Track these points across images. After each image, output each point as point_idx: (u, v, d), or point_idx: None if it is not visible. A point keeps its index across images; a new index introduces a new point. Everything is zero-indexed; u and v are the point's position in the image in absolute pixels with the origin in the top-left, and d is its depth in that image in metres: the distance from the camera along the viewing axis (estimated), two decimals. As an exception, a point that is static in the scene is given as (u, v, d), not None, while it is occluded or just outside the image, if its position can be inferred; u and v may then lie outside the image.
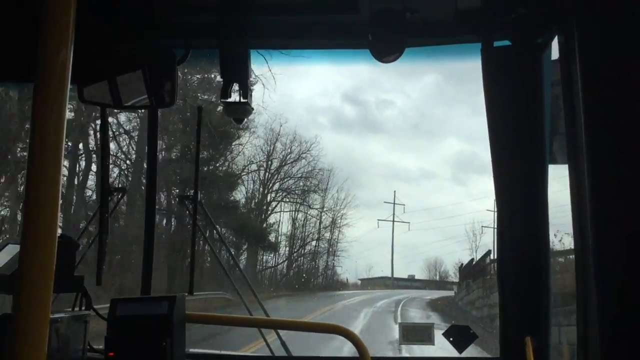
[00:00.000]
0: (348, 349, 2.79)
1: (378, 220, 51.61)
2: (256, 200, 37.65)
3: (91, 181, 25.02)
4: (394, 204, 52.22)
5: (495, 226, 2.83)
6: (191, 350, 3.16)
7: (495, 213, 2.82)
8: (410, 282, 51.03)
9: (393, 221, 51.82)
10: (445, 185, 63.92)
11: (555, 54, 2.54)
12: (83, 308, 2.72)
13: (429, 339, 3.29)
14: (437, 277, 55.53)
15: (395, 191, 54.96)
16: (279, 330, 3.45)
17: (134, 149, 27.12)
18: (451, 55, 3.13)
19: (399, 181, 65.97)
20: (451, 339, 3.08)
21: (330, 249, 41.99)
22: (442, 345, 3.11)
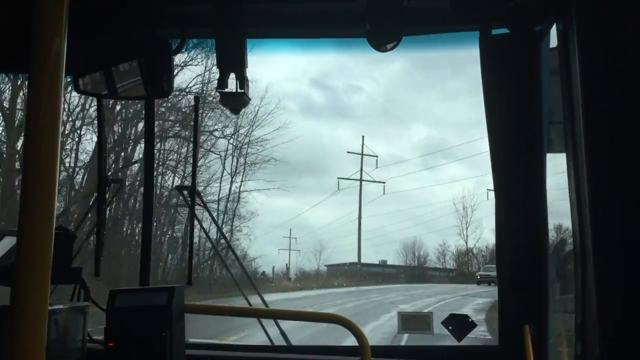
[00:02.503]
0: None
1: (338, 178, 42.76)
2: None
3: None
4: (362, 154, 43.10)
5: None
6: (191, 340, 3.17)
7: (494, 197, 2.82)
8: (382, 269, 44.96)
9: (361, 180, 43.13)
10: (414, 170, 62.41)
11: (553, 42, 2.53)
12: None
13: (428, 328, 3.30)
14: (416, 262, 49.92)
15: (363, 136, 46.66)
16: (278, 321, 3.47)
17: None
18: (448, 44, 3.12)
19: (368, 167, 65.30)
20: (450, 328, 3.09)
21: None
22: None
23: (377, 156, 43.61)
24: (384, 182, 42.97)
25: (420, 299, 28.96)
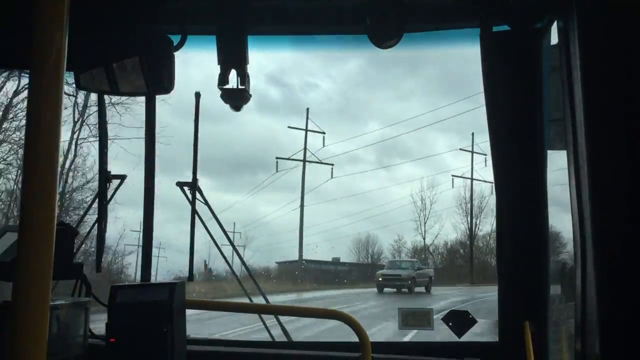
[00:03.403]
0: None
1: (277, 158, 35.59)
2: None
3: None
4: (306, 130, 36.10)
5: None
6: (192, 335, 3.18)
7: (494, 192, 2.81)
8: (335, 267, 40.40)
9: (305, 160, 36.09)
10: (369, 169, 61.12)
11: (554, 39, 2.52)
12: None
13: (428, 324, 3.31)
14: (369, 259, 44.42)
15: (308, 108, 41.70)
16: (279, 317, 3.48)
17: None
18: (449, 41, 3.11)
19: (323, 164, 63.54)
20: (450, 324, 3.10)
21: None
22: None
23: (324, 132, 37.25)
24: (332, 165, 37.12)
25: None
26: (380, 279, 28.37)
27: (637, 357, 1.82)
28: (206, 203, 3.48)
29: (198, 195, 3.47)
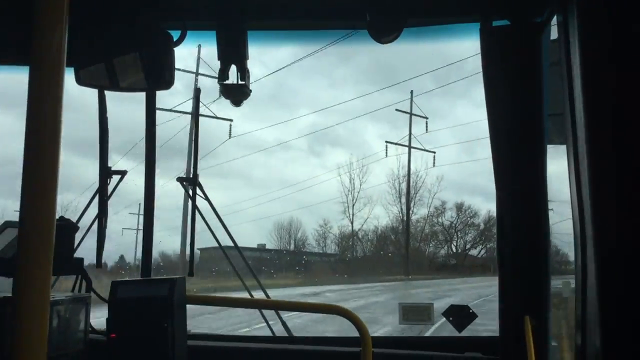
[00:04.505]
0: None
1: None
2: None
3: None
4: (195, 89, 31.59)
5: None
6: (192, 331, 3.18)
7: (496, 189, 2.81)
8: (260, 254, 37.99)
9: (196, 113, 28.32)
10: (301, 156, 59.66)
11: (554, 33, 2.52)
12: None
13: (428, 319, 3.32)
14: (292, 246, 42.33)
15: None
16: (279, 312, 3.48)
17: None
18: (449, 35, 3.11)
19: (256, 151, 63.70)
20: (451, 319, 3.11)
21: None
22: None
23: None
24: (231, 121, 32.71)
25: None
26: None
27: (638, 352, 1.82)
28: (206, 198, 3.48)
29: (199, 191, 3.47)
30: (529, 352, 2.50)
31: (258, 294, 3.55)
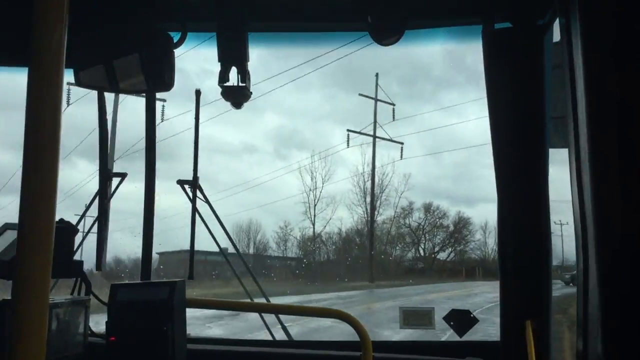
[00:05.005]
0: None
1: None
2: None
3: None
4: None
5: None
6: (192, 335, 3.17)
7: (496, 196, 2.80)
8: (221, 257, 35.39)
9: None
10: (267, 159, 59.63)
11: (556, 36, 2.52)
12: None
13: (429, 323, 3.30)
14: (253, 250, 40.01)
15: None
16: (280, 316, 3.47)
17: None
18: (451, 38, 3.11)
19: (220, 154, 61.55)
20: (452, 324, 3.09)
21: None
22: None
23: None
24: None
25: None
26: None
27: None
28: (207, 201, 3.47)
29: (199, 194, 3.46)
30: (530, 357, 2.49)
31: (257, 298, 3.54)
